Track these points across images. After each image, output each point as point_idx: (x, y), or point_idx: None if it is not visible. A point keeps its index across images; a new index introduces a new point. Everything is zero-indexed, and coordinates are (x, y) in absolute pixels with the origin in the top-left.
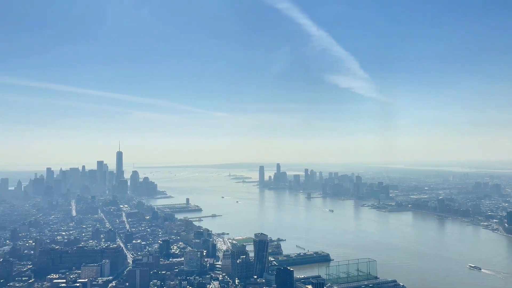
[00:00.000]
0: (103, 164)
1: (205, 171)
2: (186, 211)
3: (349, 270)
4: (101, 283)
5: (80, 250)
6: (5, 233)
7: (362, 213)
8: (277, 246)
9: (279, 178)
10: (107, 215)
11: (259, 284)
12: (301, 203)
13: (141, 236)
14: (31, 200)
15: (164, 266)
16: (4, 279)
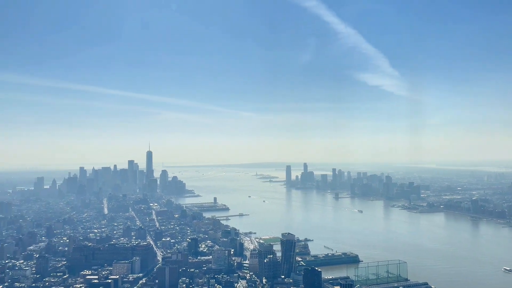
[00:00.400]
0: (133, 163)
1: (232, 171)
2: (213, 210)
3: (379, 272)
4: (132, 280)
5: (111, 247)
6: (41, 230)
7: (392, 213)
8: (305, 246)
9: (306, 177)
10: (137, 213)
11: (286, 284)
12: (328, 203)
13: (170, 234)
14: (65, 198)
15: (193, 264)
16: (41, 274)
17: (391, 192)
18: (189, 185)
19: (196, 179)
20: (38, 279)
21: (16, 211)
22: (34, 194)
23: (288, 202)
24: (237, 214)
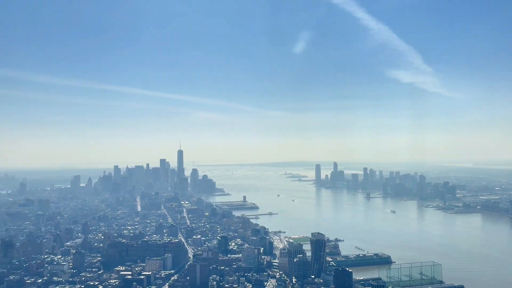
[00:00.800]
0: (165, 162)
1: (261, 170)
2: (243, 209)
3: (412, 273)
4: (164, 276)
5: (144, 244)
6: (78, 227)
7: (426, 214)
8: (335, 246)
9: (336, 177)
10: (169, 211)
11: (316, 284)
12: (359, 203)
13: (201, 232)
14: (100, 196)
15: (223, 262)
16: (77, 269)
17: (425, 192)
18: (219, 183)
19: (225, 177)
20: (74, 274)
21: (54, 208)
22: (71, 191)
23: (317, 202)
24: (266, 213)
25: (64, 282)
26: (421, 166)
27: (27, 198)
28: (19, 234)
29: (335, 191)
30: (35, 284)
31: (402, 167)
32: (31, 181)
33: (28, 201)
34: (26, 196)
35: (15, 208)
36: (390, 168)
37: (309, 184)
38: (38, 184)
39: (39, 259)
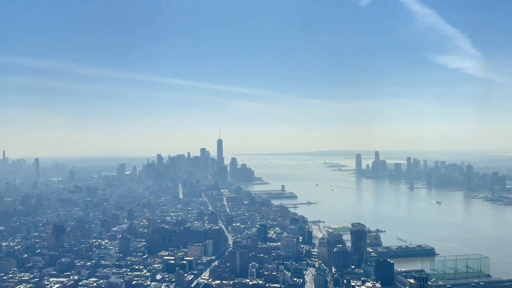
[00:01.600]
0: (205, 151)
1: (299, 159)
2: (281, 198)
3: (457, 266)
4: (205, 261)
5: (186, 230)
6: (123, 213)
7: (473, 205)
8: (376, 237)
9: (378, 166)
10: (209, 199)
11: (357, 274)
12: (402, 194)
13: (240, 220)
14: (144, 183)
15: (262, 250)
16: (123, 253)
17: (472, 183)
18: (258, 172)
19: (264, 166)
20: (121, 258)
21: (101, 194)
22: (117, 179)
23: (358, 192)
24: (305, 202)
25: (111, 265)
26: (468, 156)
27: (76, 185)
28: (69, 219)
29: (376, 181)
30: (84, 267)
31: (448, 157)
32: (79, 169)
33: (77, 188)
34: (75, 183)
35: (65, 195)
36: (435, 157)
37: (349, 173)
38: (86, 172)
39: (88, 243)
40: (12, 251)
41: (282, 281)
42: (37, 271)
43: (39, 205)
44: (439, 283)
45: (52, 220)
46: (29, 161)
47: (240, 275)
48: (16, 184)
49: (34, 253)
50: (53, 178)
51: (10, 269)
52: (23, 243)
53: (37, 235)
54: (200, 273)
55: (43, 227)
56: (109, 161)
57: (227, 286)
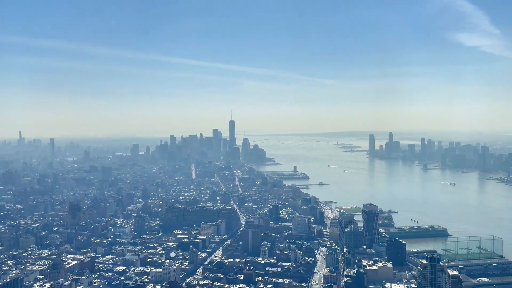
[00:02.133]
0: (217, 132)
1: (312, 140)
2: (293, 178)
3: (470, 247)
4: (218, 240)
5: (199, 210)
6: (138, 192)
7: (487, 187)
8: (388, 218)
9: (391, 147)
10: (222, 179)
11: (368, 254)
12: (416, 175)
13: (252, 200)
14: (157, 164)
15: (274, 229)
16: (138, 231)
17: (487, 164)
18: (270, 153)
19: (276, 147)
20: (136, 236)
21: (116, 174)
22: (131, 159)
23: (370, 173)
24: (317, 183)
25: (126, 243)
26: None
27: (91, 165)
28: (85, 198)
29: (389, 162)
30: (101, 245)
31: (463, 137)
32: (94, 149)
33: (92, 168)
34: (90, 163)
35: (80, 174)
36: (450, 138)
37: (362, 154)
38: (100, 152)
39: (104, 221)
40: (31, 229)
41: (293, 260)
42: (55, 248)
43: (55, 184)
44: (451, 263)
45: (68, 199)
46: (44, 141)
47: (252, 254)
48: (32, 164)
49: (51, 231)
50: (68, 158)
51: (29, 246)
52: (41, 221)
53: (54, 214)
54: (213, 251)
55: (60, 206)
56: (123, 142)
57: (240, 264)
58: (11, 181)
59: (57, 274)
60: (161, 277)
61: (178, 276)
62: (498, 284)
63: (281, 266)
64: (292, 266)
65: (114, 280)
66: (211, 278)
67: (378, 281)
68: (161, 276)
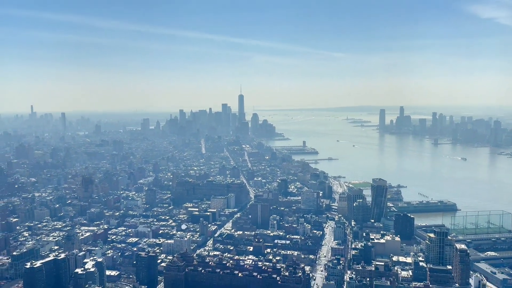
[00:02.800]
0: (227, 106)
1: (321, 115)
2: (302, 153)
3: (478, 222)
4: (228, 213)
5: (209, 184)
6: (149, 166)
7: (498, 162)
8: (397, 192)
9: (402, 122)
10: (231, 154)
11: (376, 228)
12: (426, 150)
13: (261, 174)
14: (167, 138)
15: (283, 203)
16: (150, 204)
17: (499, 139)
18: (279, 128)
19: (285, 122)
20: (147, 208)
21: (127, 148)
22: (141, 133)
23: (380, 148)
24: (326, 158)
25: (138, 215)
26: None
27: (103, 139)
28: (97, 172)
29: (400, 137)
30: (113, 217)
31: (476, 112)
32: (105, 123)
33: (103, 142)
34: (101, 137)
35: (92, 148)
36: (462, 112)
37: (372, 129)
38: (111, 126)
39: (116, 194)
40: (45, 201)
41: (302, 233)
42: (69, 220)
43: (67, 158)
44: (459, 237)
45: (80, 172)
46: (55, 115)
47: (261, 227)
48: (44, 138)
49: (65, 203)
50: (79, 132)
51: (44, 218)
52: (55, 194)
53: (67, 187)
54: (223, 224)
55: (73, 179)
56: (133, 116)
57: (249, 236)
58: (25, 154)
59: (71, 245)
60: (172, 248)
61: (189, 247)
62: (506, 258)
63: (290, 239)
64: (300, 239)
65: (127, 251)
66: (221, 249)
67: (385, 254)
68: (172, 247)
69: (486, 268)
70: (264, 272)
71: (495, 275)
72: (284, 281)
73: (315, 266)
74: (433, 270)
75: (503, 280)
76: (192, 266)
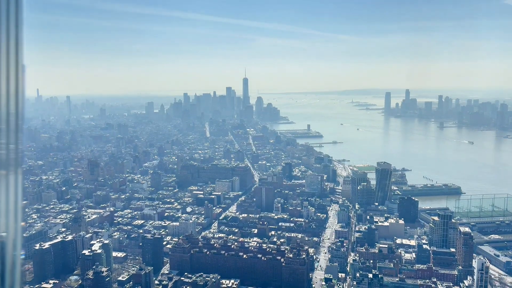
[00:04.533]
0: (231, 90)
1: (326, 98)
2: (307, 137)
3: (483, 205)
4: (232, 197)
5: (214, 167)
6: (153, 149)
7: (504, 145)
8: (402, 176)
9: (408, 105)
10: (235, 137)
11: (380, 211)
12: (432, 133)
13: (266, 158)
14: (172, 122)
15: (287, 187)
16: (155, 187)
17: (505, 122)
18: (283, 112)
19: (290, 106)
20: (153, 192)
21: (131, 132)
22: (146, 117)
23: (385, 131)
24: (330, 142)
25: (144, 198)
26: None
27: (107, 122)
28: (102, 155)
29: (405, 120)
30: (119, 199)
31: (483, 95)
32: (109, 107)
33: (108, 125)
34: (106, 121)
35: (97, 131)
36: (468, 95)
37: (377, 112)
38: (116, 109)
39: (121, 177)
40: (52, 184)
41: (306, 216)
42: (76, 202)
43: (73, 141)
44: (463, 221)
45: (86, 155)
46: (61, 99)
47: (266, 210)
48: (50, 121)
49: (71, 186)
50: (84, 116)
51: (51, 200)
52: (61, 177)
53: (73, 170)
54: (227, 207)
55: (79, 162)
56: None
57: (254, 219)
58: (32, 137)
59: (78, 227)
60: (178, 231)
61: (194, 229)
62: (510, 241)
63: (294, 222)
64: (304, 222)
65: (133, 233)
66: (226, 232)
67: (389, 237)
68: (178, 230)
69: (489, 251)
70: (268, 254)
71: (499, 257)
72: (288, 263)
73: (318, 249)
74: (436, 253)
75: (506, 262)
76: (197, 248)
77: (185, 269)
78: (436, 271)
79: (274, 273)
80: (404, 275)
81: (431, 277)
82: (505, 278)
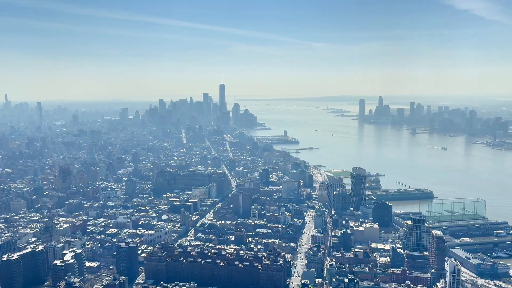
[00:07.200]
0: (208, 96)
1: (302, 104)
2: (284, 143)
3: (454, 209)
4: (209, 203)
5: (190, 174)
6: (128, 156)
7: (473, 150)
8: (376, 181)
9: (381, 112)
10: (212, 144)
11: (355, 216)
12: (404, 139)
13: (243, 164)
14: (147, 128)
15: (264, 193)
16: (129, 195)
17: (474, 128)
18: (260, 118)
19: (266, 112)
20: (127, 199)
21: (105, 138)
22: (120, 123)
23: (359, 137)
24: (306, 148)
25: (118, 206)
26: (473, 101)
27: (80, 129)
28: (74, 162)
29: (378, 126)
30: (92, 208)
31: (453, 102)
32: (82, 113)
33: (81, 132)
34: (79, 127)
35: (69, 138)
36: (439, 102)
37: (351, 119)
38: (89, 115)
39: (95, 185)
40: (21, 192)
41: (283, 221)
42: (47, 211)
43: (44, 148)
44: (436, 224)
45: (58, 163)
46: (31, 104)
47: (243, 216)
48: (20, 128)
49: (42, 194)
50: (56, 122)
51: (21, 209)
52: (31, 185)
53: (44, 178)
54: (204, 214)
55: (50, 169)
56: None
57: (231, 226)
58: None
59: (49, 236)
60: (153, 239)
61: (170, 237)
62: (480, 244)
63: (271, 228)
64: (281, 228)
65: (107, 242)
66: (202, 239)
67: (364, 241)
68: (153, 238)
69: (461, 253)
70: (245, 260)
71: (469, 260)
72: (266, 270)
73: (296, 254)
74: (410, 256)
75: (476, 265)
76: (173, 256)
77: (161, 278)
78: (410, 275)
79: (251, 280)
80: (379, 279)
81: (406, 280)
82: (476, 280)
